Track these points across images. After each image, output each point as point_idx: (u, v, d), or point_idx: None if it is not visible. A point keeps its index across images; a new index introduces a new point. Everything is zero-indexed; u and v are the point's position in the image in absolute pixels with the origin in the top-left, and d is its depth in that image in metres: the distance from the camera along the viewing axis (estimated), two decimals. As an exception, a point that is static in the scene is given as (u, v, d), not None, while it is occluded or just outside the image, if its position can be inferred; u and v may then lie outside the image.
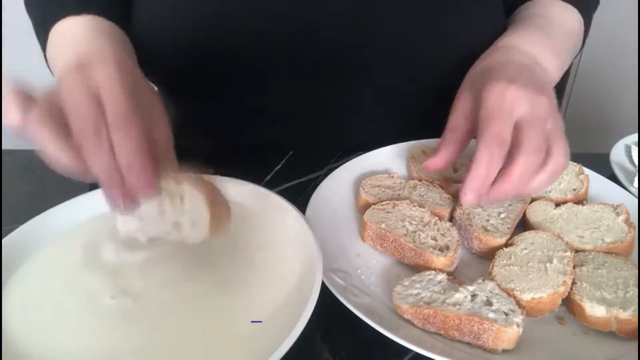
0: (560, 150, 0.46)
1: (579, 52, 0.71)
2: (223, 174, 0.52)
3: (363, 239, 0.52)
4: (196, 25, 0.61)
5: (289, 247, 0.46)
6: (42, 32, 0.60)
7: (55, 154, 0.37)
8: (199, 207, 0.40)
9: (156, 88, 0.74)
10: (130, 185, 0.37)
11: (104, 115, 0.37)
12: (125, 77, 0.38)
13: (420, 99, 0.70)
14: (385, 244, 0.50)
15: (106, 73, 0.38)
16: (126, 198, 0.38)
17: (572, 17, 0.67)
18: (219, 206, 0.41)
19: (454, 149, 0.51)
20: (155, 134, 0.40)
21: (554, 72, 0.60)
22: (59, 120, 0.37)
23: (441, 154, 0.51)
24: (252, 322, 0.39)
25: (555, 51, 0.61)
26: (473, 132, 0.50)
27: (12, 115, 0.36)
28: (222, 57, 0.62)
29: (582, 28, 0.69)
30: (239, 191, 0.51)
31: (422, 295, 0.44)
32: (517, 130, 0.45)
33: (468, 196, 0.45)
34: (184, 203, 0.41)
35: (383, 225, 0.50)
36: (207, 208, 0.40)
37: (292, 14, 0.61)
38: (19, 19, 0.63)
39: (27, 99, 0.37)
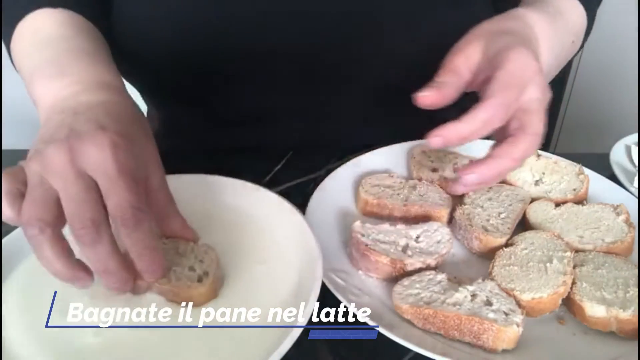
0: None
1: (579, 50, 0.69)
2: (223, 174, 0.52)
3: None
4: (191, 28, 0.60)
5: (289, 248, 0.46)
6: (9, 22, 0.55)
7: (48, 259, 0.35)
8: (211, 261, 0.42)
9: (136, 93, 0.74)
10: (141, 273, 0.37)
11: (103, 206, 0.35)
12: (121, 154, 0.36)
13: (405, 100, 0.70)
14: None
15: (100, 155, 0.35)
16: (128, 285, 0.38)
17: (577, 14, 0.65)
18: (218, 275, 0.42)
19: (451, 93, 0.47)
20: (152, 181, 0.40)
21: (545, 70, 0.56)
22: (50, 206, 0.35)
23: (438, 90, 0.47)
24: (251, 323, 0.39)
25: (553, 49, 0.57)
26: (471, 86, 0.49)
27: (7, 213, 0.36)
28: (220, 59, 0.62)
29: (584, 28, 0.67)
30: (238, 191, 0.51)
31: (422, 295, 0.44)
32: (524, 112, 0.45)
33: (437, 139, 0.44)
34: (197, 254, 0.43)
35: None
36: (217, 265, 0.42)
37: (287, 15, 0.60)
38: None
39: (16, 197, 0.35)
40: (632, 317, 0.42)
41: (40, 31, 0.53)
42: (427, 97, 0.47)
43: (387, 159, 0.64)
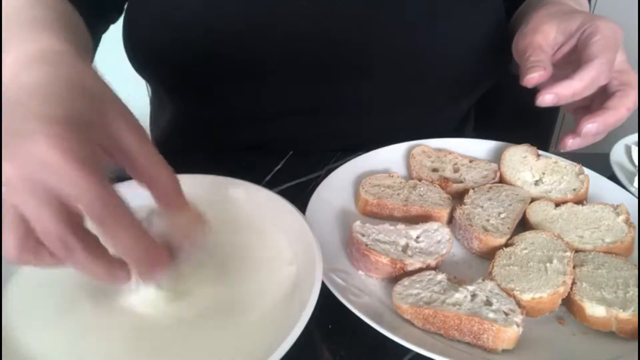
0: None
1: None
2: (223, 174, 0.52)
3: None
4: (196, 25, 0.60)
5: (289, 248, 0.46)
6: None
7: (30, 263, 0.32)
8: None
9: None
10: (141, 270, 0.33)
11: (67, 213, 0.31)
12: (66, 144, 0.30)
13: (421, 98, 0.70)
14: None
15: (44, 156, 0.30)
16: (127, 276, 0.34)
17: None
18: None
19: (550, 69, 0.52)
20: (130, 149, 0.34)
21: None
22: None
23: (546, 68, 0.52)
24: (251, 323, 0.39)
25: None
26: (553, 59, 0.54)
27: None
28: (222, 58, 0.62)
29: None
30: (238, 191, 0.51)
31: (422, 295, 0.44)
32: (620, 72, 0.52)
33: (550, 96, 0.49)
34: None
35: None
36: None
37: (293, 14, 0.61)
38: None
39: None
40: (632, 317, 0.42)
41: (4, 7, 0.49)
42: (536, 77, 0.52)
43: (387, 159, 0.64)
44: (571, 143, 0.53)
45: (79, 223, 0.32)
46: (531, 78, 0.51)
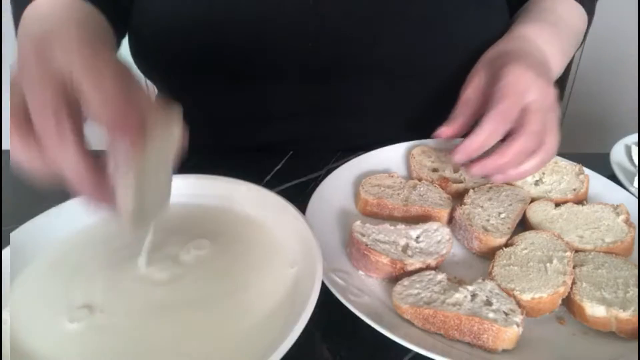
0: (553, 142, 0.51)
1: (582, 42, 0.74)
2: (223, 174, 0.52)
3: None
4: (200, 24, 0.61)
5: (289, 248, 0.46)
6: (18, 12, 0.56)
7: (18, 152, 0.34)
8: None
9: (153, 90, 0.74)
10: (117, 135, 0.34)
11: (65, 96, 0.33)
12: (85, 43, 0.35)
13: (422, 99, 0.70)
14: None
15: (66, 46, 0.34)
16: (99, 197, 0.35)
17: (578, 14, 0.69)
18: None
19: (465, 121, 0.55)
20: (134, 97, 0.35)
21: (557, 71, 0.63)
22: (25, 116, 0.34)
23: (453, 124, 0.55)
24: (251, 323, 0.39)
25: (562, 51, 0.63)
26: (483, 108, 0.53)
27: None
28: (226, 57, 0.62)
29: (585, 25, 0.71)
30: (238, 191, 0.51)
31: (422, 295, 0.44)
32: (523, 113, 0.50)
33: (459, 155, 0.51)
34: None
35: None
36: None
37: (298, 14, 0.61)
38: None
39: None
40: (632, 317, 0.42)
41: (40, 12, 0.54)
42: (445, 132, 0.55)
43: (387, 159, 0.64)
44: (469, 176, 0.57)
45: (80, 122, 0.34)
46: (439, 132, 0.55)
